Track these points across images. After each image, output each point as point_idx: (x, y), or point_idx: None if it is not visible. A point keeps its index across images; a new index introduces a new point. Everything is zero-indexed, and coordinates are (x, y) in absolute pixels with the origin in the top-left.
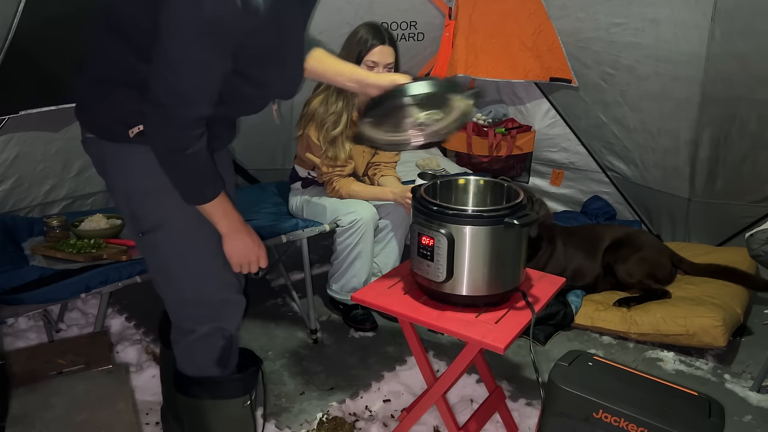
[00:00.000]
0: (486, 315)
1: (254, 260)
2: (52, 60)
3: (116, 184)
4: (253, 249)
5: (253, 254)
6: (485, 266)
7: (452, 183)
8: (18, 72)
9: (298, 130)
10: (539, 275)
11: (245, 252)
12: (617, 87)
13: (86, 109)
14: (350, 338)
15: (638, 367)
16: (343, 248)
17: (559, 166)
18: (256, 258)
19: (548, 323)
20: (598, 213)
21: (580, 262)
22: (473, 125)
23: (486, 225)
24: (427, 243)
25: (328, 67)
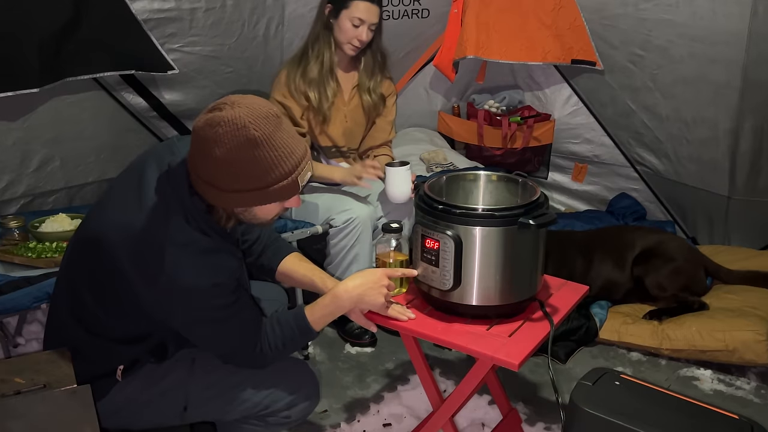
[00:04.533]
0: (498, 328)
1: (378, 294)
2: (8, 43)
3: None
4: (368, 295)
5: (372, 295)
6: (497, 272)
7: (460, 179)
8: None
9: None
10: (559, 283)
11: (367, 300)
12: (647, 70)
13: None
14: (346, 354)
15: (671, 387)
16: (337, 251)
17: (582, 160)
18: (378, 290)
19: (569, 338)
20: (626, 213)
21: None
22: (485, 113)
23: (498, 226)
24: (431, 246)
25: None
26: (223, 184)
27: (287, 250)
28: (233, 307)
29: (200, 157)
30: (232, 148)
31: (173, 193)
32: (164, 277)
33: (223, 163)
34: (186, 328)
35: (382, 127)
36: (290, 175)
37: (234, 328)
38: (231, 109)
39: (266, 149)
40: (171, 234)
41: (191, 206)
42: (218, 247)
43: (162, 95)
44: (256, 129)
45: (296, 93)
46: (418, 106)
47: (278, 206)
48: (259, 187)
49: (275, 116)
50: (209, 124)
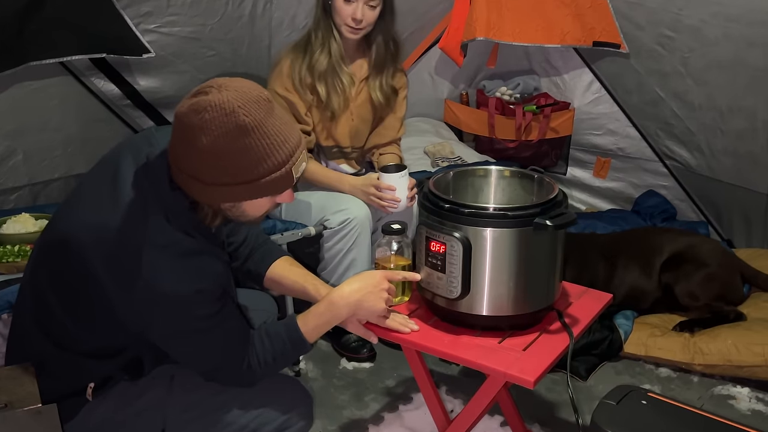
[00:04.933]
0: (512, 340)
1: (378, 299)
2: None
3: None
4: (367, 301)
5: (372, 300)
6: (511, 279)
7: (469, 174)
8: None
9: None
10: (580, 291)
11: (366, 306)
12: (678, 53)
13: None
14: (341, 370)
15: (704, 407)
16: (332, 255)
17: (605, 154)
18: (378, 295)
19: (591, 352)
20: (654, 212)
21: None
22: (497, 102)
23: (511, 227)
24: (437, 249)
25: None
26: (208, 177)
27: (277, 254)
28: (218, 316)
29: (183, 146)
30: (219, 135)
31: (152, 189)
32: (141, 282)
33: (209, 152)
34: (164, 341)
35: (390, 124)
36: (284, 165)
37: (218, 340)
38: (218, 92)
39: (257, 137)
40: (149, 234)
41: (172, 203)
42: (202, 249)
43: (136, 81)
44: (247, 114)
45: (301, 86)
46: (422, 94)
47: (270, 201)
48: (249, 180)
49: (266, 100)
50: (194, 110)
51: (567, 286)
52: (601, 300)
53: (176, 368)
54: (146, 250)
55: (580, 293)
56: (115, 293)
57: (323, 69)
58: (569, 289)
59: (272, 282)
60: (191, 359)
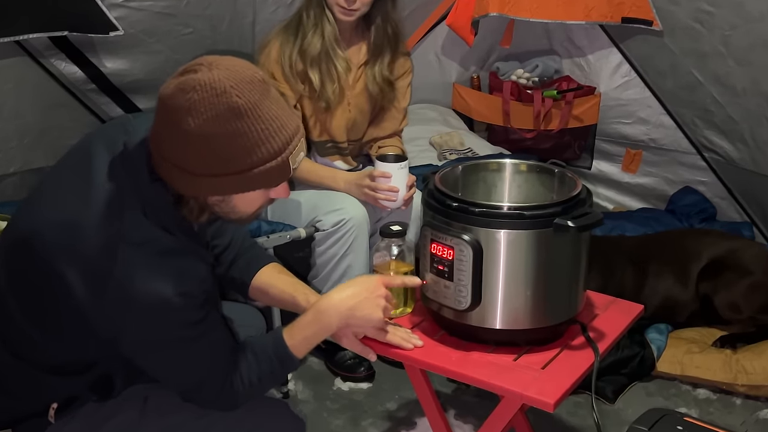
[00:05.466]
0: (529, 357)
1: (374, 306)
2: None
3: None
4: (361, 309)
5: (366, 308)
6: (528, 288)
7: (481, 169)
8: None
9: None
10: (606, 301)
11: (360, 315)
12: (718, 31)
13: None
14: (336, 391)
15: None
16: (325, 261)
17: (636, 145)
18: (373, 302)
19: (619, 371)
20: (691, 212)
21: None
22: (512, 86)
23: (529, 228)
24: (443, 254)
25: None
26: (195, 166)
27: (264, 260)
28: (200, 326)
29: (168, 131)
30: (209, 118)
31: (129, 181)
32: (113, 282)
33: (197, 138)
34: (138, 351)
35: (392, 115)
36: (280, 154)
37: (200, 353)
38: (208, 71)
39: (251, 121)
40: (124, 231)
41: (152, 196)
42: (184, 249)
43: (103, 63)
44: (240, 95)
45: (292, 74)
46: (428, 78)
47: (263, 196)
48: (241, 170)
49: (261, 81)
50: (181, 89)
51: (592, 296)
52: (630, 312)
53: (151, 388)
54: (120, 247)
55: (606, 304)
56: (84, 296)
57: (316, 53)
58: (594, 299)
59: (258, 292)
60: (167, 374)
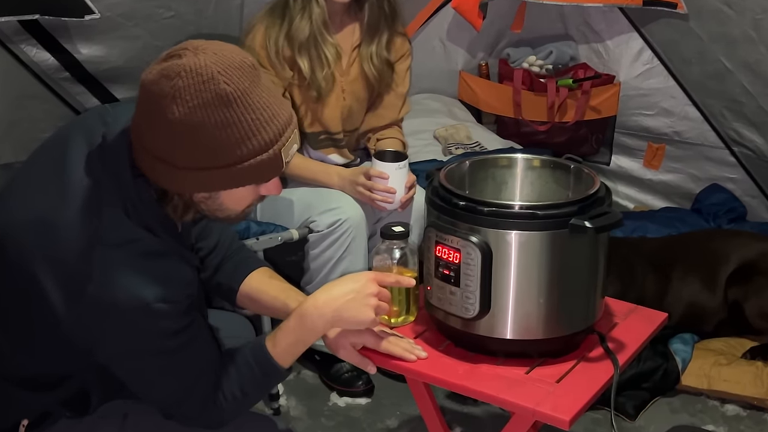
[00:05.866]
0: (542, 370)
1: (363, 307)
2: None
3: None
4: (349, 309)
5: (354, 309)
6: (541, 294)
7: (490, 165)
8: None
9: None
10: (627, 309)
11: (348, 316)
12: (748, 14)
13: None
14: (331, 407)
15: None
16: (319, 265)
17: (658, 139)
18: (362, 302)
19: (641, 385)
20: (719, 212)
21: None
22: (524, 74)
23: (542, 229)
24: (449, 258)
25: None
26: (180, 159)
27: (253, 264)
28: (183, 335)
29: (151, 121)
30: (195, 107)
31: (108, 176)
32: (91, 287)
33: (182, 128)
34: (117, 362)
35: (390, 103)
36: (271, 146)
37: (182, 365)
38: (194, 56)
39: (241, 110)
40: (103, 230)
41: (133, 192)
42: (168, 250)
43: (77, 49)
44: (228, 82)
45: (278, 60)
46: (432, 65)
47: (253, 192)
48: (229, 163)
49: (251, 67)
50: (165, 76)
51: (611, 303)
52: (653, 320)
53: (130, 405)
54: (98, 248)
55: (627, 312)
56: (58, 302)
57: (304, 38)
58: (614, 306)
59: (247, 298)
60: (148, 387)
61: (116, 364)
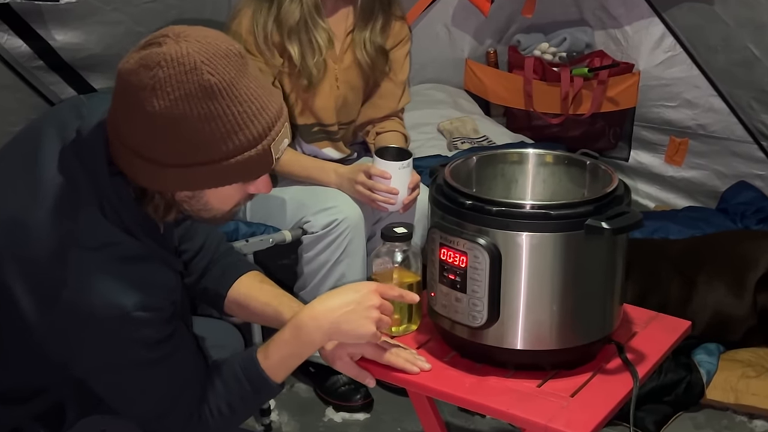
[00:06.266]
0: (556, 383)
1: (364, 319)
2: None
3: None
4: (348, 321)
5: (354, 321)
6: (554, 301)
7: (498, 161)
8: None
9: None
10: (648, 316)
11: (347, 329)
12: None
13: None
14: (327, 423)
15: None
16: (314, 269)
17: (681, 133)
18: (363, 314)
19: (662, 399)
20: (747, 212)
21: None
22: (535, 62)
23: (556, 231)
24: (455, 262)
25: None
26: (161, 155)
27: (242, 268)
28: (166, 345)
29: (129, 114)
30: (177, 99)
31: (84, 173)
32: (66, 292)
33: (163, 121)
34: (93, 375)
35: (389, 92)
36: (260, 141)
37: (164, 377)
38: (175, 43)
39: (227, 102)
40: (79, 232)
41: (111, 191)
42: (149, 254)
43: (52, 36)
44: (213, 72)
45: (267, 46)
46: (436, 53)
47: (240, 191)
48: (214, 160)
49: (238, 56)
50: (144, 65)
51: (630, 311)
52: (675, 329)
53: (109, 420)
54: (74, 252)
55: (647, 320)
56: (31, 310)
57: (294, 23)
58: (633, 314)
59: (236, 305)
60: (127, 402)
61: (93, 377)
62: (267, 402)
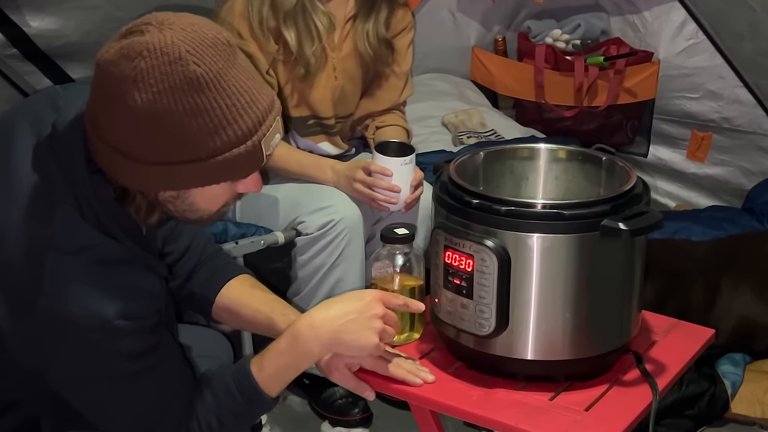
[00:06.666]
0: (569, 396)
1: (366, 330)
2: None
3: None
4: (349, 332)
5: (356, 332)
6: (567, 307)
7: (507, 156)
8: None
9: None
10: (668, 324)
11: (348, 340)
12: None
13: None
14: None
15: None
16: (309, 274)
17: (704, 126)
18: (365, 324)
19: (684, 413)
20: None
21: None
22: (547, 51)
23: (569, 232)
24: (460, 265)
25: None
26: (143, 152)
27: (232, 272)
28: (150, 356)
29: (108, 108)
30: (160, 92)
31: (61, 172)
32: (42, 300)
33: (145, 116)
34: (71, 388)
35: (390, 84)
36: (250, 137)
37: (148, 391)
38: (158, 32)
39: (214, 95)
40: (56, 235)
41: (89, 190)
42: (131, 257)
43: (26, 22)
44: (199, 63)
45: (262, 31)
46: (440, 40)
47: (228, 190)
48: (201, 157)
49: (226, 45)
50: (125, 56)
51: (649, 318)
52: (698, 338)
53: None
54: (50, 256)
55: (667, 328)
56: (3, 318)
57: (291, 6)
58: (652, 321)
59: (225, 311)
60: (107, 418)
61: (70, 391)
62: (259, 417)
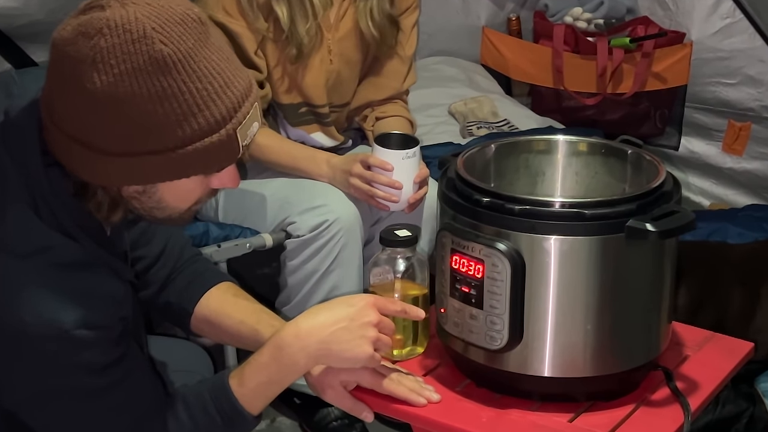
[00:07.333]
0: (590, 417)
1: (359, 339)
2: None
3: None
4: (339, 342)
5: (346, 342)
6: (589, 318)
7: (522, 149)
8: None
9: None
10: (701, 336)
11: (338, 351)
12: None
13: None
14: None
15: None
16: (300, 281)
17: (742, 116)
18: (358, 333)
19: None
20: None
21: None
22: (566, 31)
23: (591, 234)
24: (469, 271)
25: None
26: (104, 142)
27: (213, 279)
28: (114, 370)
29: (65, 93)
30: (122, 73)
31: (12, 163)
32: None
33: (106, 101)
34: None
35: (392, 69)
36: (223, 125)
37: (113, 409)
38: (121, 6)
39: (183, 77)
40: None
41: (45, 185)
42: (92, 260)
43: None
44: (166, 42)
45: (251, 7)
46: (447, 19)
47: (201, 185)
48: (168, 147)
49: (197, 21)
50: (83, 33)
51: (680, 330)
52: (735, 352)
53: None
54: (1, 259)
55: (701, 341)
56: None
57: None
58: (684, 334)
59: (205, 323)
60: None
61: (27, 411)
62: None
